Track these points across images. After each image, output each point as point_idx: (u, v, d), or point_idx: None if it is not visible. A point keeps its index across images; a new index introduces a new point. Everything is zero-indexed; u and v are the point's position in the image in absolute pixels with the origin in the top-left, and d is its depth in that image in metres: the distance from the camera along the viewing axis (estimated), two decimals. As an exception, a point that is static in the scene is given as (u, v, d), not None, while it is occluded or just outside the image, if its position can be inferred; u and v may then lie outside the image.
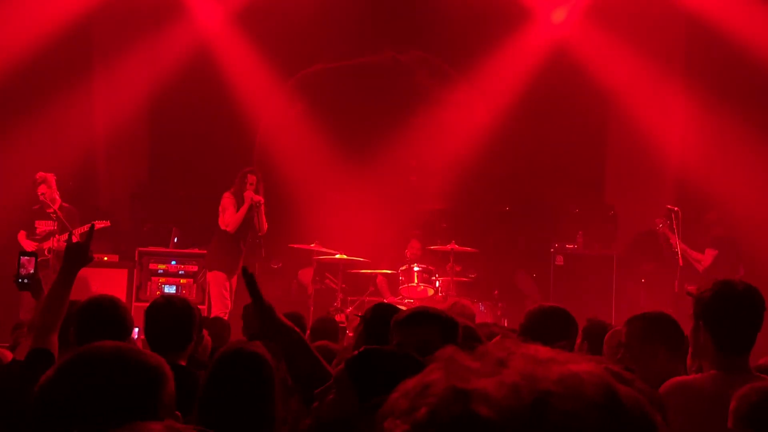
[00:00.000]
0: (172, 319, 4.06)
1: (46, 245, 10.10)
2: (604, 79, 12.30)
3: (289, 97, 13.27)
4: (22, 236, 10.27)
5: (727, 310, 3.14)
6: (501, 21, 12.62)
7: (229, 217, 10.22)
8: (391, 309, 3.86)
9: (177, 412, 1.97)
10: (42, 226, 10.27)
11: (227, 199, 10.34)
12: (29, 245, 10.10)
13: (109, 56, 12.58)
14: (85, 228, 10.22)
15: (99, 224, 10.23)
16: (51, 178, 10.18)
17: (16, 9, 11.49)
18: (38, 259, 4.50)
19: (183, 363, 3.97)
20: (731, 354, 3.14)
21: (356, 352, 2.57)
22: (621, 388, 0.86)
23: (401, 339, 3.33)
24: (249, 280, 3.15)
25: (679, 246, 10.21)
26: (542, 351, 0.89)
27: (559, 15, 12.81)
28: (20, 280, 4.30)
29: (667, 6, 11.99)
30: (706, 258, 10.47)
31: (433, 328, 3.34)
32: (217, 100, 12.62)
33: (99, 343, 2.03)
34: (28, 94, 11.81)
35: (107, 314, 3.94)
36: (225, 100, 12.65)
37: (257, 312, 3.16)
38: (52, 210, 10.14)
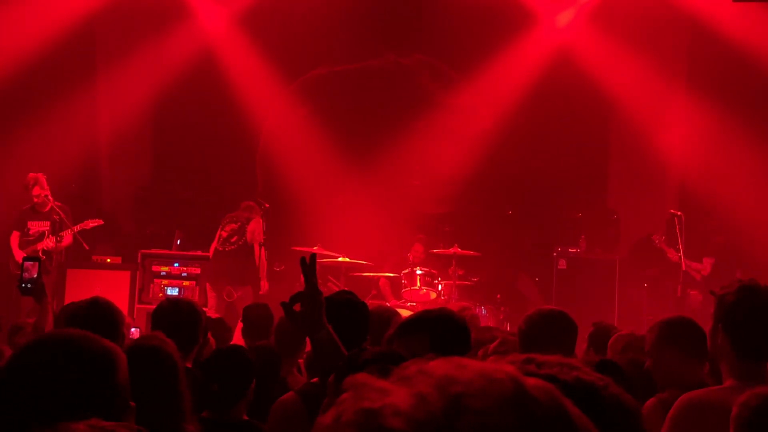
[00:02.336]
0: (178, 322, 4.06)
1: (40, 246, 10.11)
2: (607, 83, 12.29)
3: (293, 100, 13.28)
4: (14, 237, 10.27)
5: (749, 316, 3.04)
6: (504, 25, 12.61)
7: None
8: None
9: (131, 403, 1.97)
10: (35, 227, 10.27)
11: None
12: (20, 251, 10.09)
13: (113, 59, 12.59)
14: (83, 226, 10.26)
15: (92, 223, 10.28)
16: (42, 178, 10.19)
17: (20, 11, 11.51)
18: (43, 265, 4.49)
19: (189, 365, 3.97)
20: (749, 361, 3.06)
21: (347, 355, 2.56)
22: (529, 382, 0.89)
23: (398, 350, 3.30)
24: (308, 265, 3.15)
25: (676, 256, 10.23)
26: (454, 359, 0.91)
27: (563, 19, 12.81)
28: (23, 285, 4.29)
29: (670, 11, 11.98)
30: (704, 267, 10.48)
31: (422, 336, 3.27)
32: (221, 103, 12.63)
33: (52, 333, 2.05)
34: (31, 97, 11.82)
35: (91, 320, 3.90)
36: (228, 103, 12.66)
37: (307, 298, 3.14)
38: (47, 209, 10.15)
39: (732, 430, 2.57)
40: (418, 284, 10.72)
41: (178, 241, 11.68)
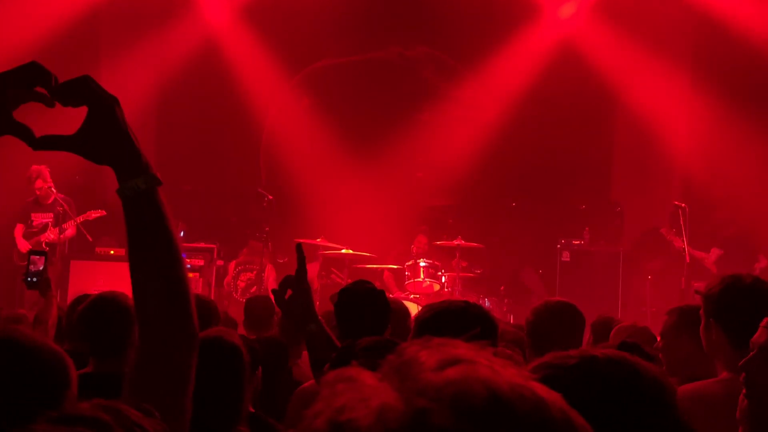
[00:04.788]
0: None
1: (43, 238, 10.15)
2: (611, 75, 12.27)
3: (296, 92, 13.27)
4: (18, 230, 10.32)
5: (738, 303, 3.06)
6: (508, 17, 12.59)
7: None
8: (361, 291, 3.81)
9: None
10: (39, 219, 10.32)
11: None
12: (23, 241, 10.16)
13: (117, 51, 12.59)
14: (86, 217, 10.30)
15: (95, 214, 10.32)
16: (45, 170, 10.22)
17: (23, 4, 11.50)
18: (48, 258, 4.47)
19: None
20: (746, 349, 3.07)
21: (341, 346, 2.57)
22: (505, 384, 0.81)
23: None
24: (301, 256, 3.17)
25: (685, 247, 10.19)
26: (445, 350, 0.85)
27: (567, 11, 12.78)
28: (28, 279, 4.27)
29: (675, 1, 11.95)
30: (710, 256, 10.45)
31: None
32: (224, 95, 12.63)
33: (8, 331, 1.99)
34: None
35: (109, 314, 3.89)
36: (232, 95, 12.66)
37: (297, 289, 3.17)
38: (51, 201, 10.19)
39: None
40: (422, 276, 10.71)
41: (182, 233, 11.70)
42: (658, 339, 4.61)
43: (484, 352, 0.87)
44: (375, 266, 11.14)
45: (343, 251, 10.65)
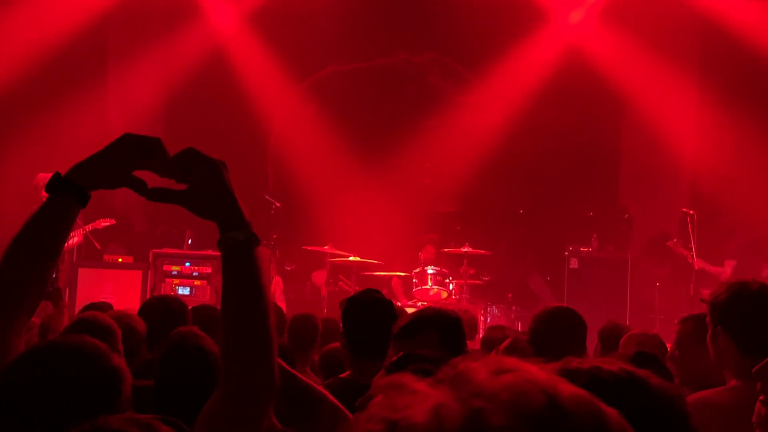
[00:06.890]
0: (165, 320, 4.02)
1: None
2: (618, 81, 12.25)
3: (303, 99, 13.28)
4: None
5: (746, 310, 3.03)
6: (516, 23, 12.58)
7: None
8: (370, 300, 3.80)
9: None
10: None
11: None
12: None
13: (125, 58, 12.63)
14: (95, 226, 10.30)
15: (104, 222, 10.32)
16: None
17: (32, 10, 11.54)
18: (59, 267, 4.48)
19: None
20: (755, 356, 3.04)
21: (394, 358, 2.55)
22: (564, 393, 0.81)
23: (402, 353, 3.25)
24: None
25: (693, 255, 10.14)
26: (499, 362, 0.85)
27: (574, 17, 12.77)
28: None
29: (682, 8, 11.94)
30: (725, 270, 10.36)
31: (429, 335, 3.22)
32: (232, 102, 12.64)
33: (62, 338, 2.04)
34: (43, 95, 11.86)
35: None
36: (239, 102, 12.67)
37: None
38: None
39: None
40: (429, 283, 10.70)
41: (189, 241, 11.70)
42: (668, 347, 4.59)
43: (537, 366, 0.86)
44: (383, 273, 11.13)
45: (351, 258, 10.64)
